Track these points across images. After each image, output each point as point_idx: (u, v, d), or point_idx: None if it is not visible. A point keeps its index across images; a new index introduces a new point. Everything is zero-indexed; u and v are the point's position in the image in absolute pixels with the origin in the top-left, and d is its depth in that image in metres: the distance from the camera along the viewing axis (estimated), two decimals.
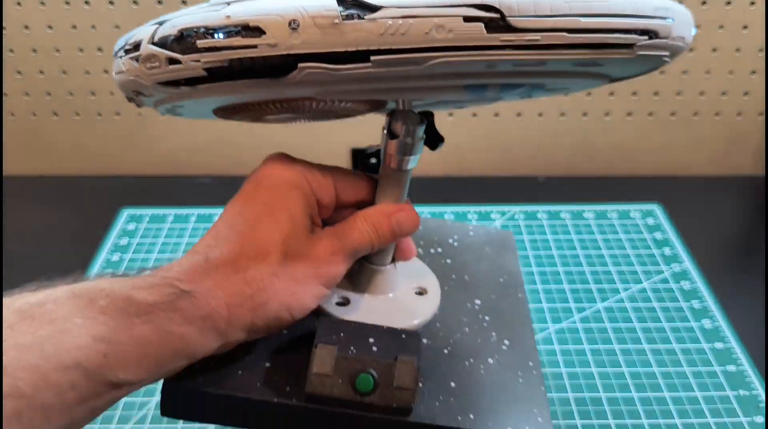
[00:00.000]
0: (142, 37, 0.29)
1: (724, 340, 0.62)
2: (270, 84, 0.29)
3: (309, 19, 0.26)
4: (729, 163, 0.90)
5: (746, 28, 0.78)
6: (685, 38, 0.32)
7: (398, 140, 0.37)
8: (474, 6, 0.27)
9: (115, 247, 0.75)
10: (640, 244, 0.76)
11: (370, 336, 0.36)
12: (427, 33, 0.27)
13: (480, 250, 0.52)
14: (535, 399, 0.39)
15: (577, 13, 0.28)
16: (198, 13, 0.28)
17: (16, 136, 0.88)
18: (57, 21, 0.78)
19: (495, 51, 0.27)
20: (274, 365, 0.38)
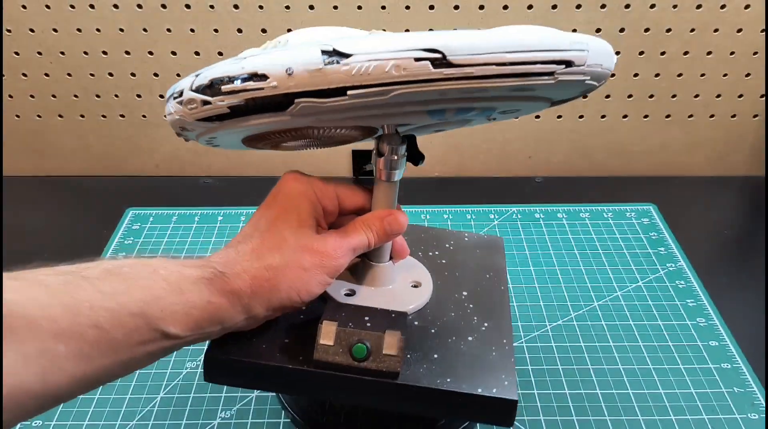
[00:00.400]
0: (184, 86, 0.38)
1: (718, 338, 0.63)
2: (276, 116, 0.37)
3: (300, 67, 0.35)
4: (723, 164, 0.91)
5: (740, 31, 0.79)
6: (603, 65, 0.39)
7: (384, 158, 0.46)
8: (422, 49, 0.34)
9: (120, 247, 0.76)
10: (635, 243, 0.77)
11: (366, 315, 0.45)
12: (387, 71, 0.35)
13: (472, 251, 0.59)
14: (505, 368, 0.46)
15: (504, 50, 0.35)
16: (223, 66, 0.37)
17: (22, 138, 0.89)
18: (62, 24, 0.79)
19: (441, 82, 0.35)
20: (291, 339, 0.46)
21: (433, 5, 0.77)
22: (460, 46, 0.35)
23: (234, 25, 0.79)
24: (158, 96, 0.85)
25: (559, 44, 0.37)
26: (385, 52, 0.35)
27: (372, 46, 0.35)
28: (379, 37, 0.36)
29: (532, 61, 0.36)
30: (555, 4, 0.77)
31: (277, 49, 0.38)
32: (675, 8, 0.78)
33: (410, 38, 0.35)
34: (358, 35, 0.42)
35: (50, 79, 0.83)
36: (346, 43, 0.35)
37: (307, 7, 0.77)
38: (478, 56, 0.35)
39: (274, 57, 0.36)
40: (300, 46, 0.36)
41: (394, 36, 0.36)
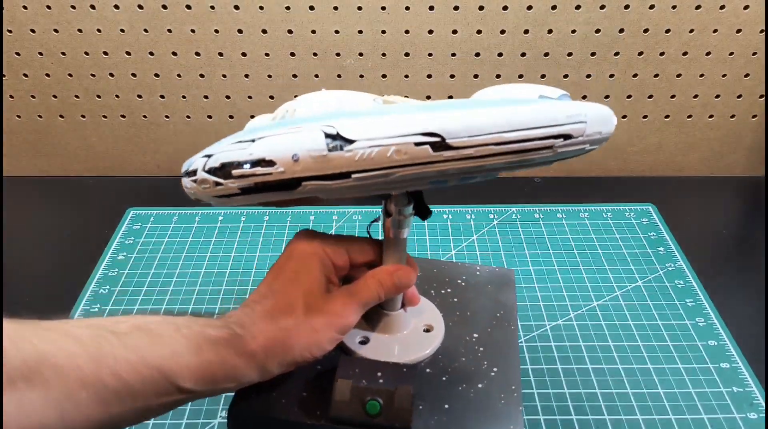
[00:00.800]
0: (197, 166, 0.41)
1: (717, 337, 0.64)
2: (284, 194, 0.40)
3: (306, 154, 0.37)
4: (722, 164, 0.92)
5: (740, 31, 0.80)
6: (602, 132, 0.41)
7: (392, 218, 0.48)
8: (422, 134, 0.36)
9: (121, 247, 0.76)
10: (634, 243, 0.77)
11: (378, 370, 0.47)
12: (388, 156, 0.37)
13: (483, 288, 0.61)
14: (513, 417, 0.49)
15: (501, 130, 0.37)
16: (233, 150, 0.39)
17: (23, 138, 0.89)
18: (63, 24, 0.79)
19: (441, 164, 0.37)
20: (309, 393, 0.49)
21: (433, 6, 0.77)
22: (458, 128, 0.36)
23: (234, 25, 0.79)
24: (159, 96, 0.85)
25: (557, 119, 0.38)
26: (386, 137, 0.36)
27: (373, 131, 0.37)
28: (381, 118, 0.38)
29: (530, 138, 0.38)
30: (555, 5, 0.77)
31: (284, 124, 0.40)
32: (674, 9, 0.78)
33: (410, 121, 0.37)
34: (363, 104, 0.45)
35: (51, 79, 0.84)
36: (349, 126, 0.37)
37: (308, 7, 0.78)
38: (477, 138, 0.37)
39: (280, 142, 0.38)
40: (305, 126, 0.38)
41: (395, 118, 0.37)
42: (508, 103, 0.40)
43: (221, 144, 0.41)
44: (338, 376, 0.46)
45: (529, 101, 0.41)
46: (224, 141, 0.41)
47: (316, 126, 0.38)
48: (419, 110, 0.38)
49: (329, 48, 0.81)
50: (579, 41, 0.80)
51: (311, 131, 0.38)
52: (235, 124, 0.87)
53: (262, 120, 0.48)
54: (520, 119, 0.37)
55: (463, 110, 0.38)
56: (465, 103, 0.40)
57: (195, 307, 0.68)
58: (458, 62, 0.82)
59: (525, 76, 0.83)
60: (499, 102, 0.40)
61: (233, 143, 0.40)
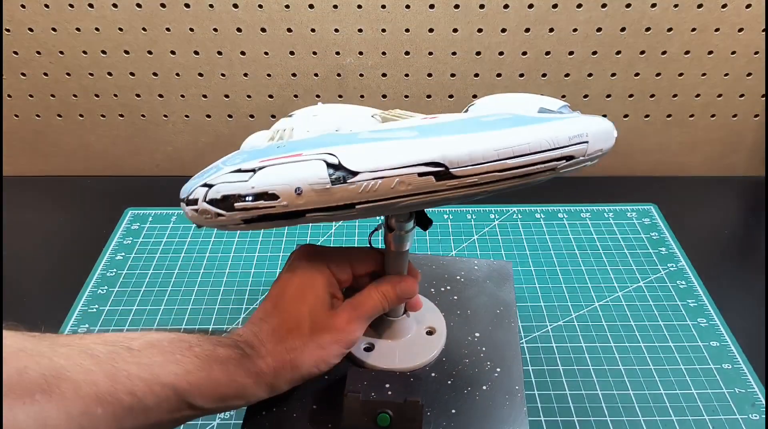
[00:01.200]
0: (197, 196, 0.40)
1: (719, 338, 0.63)
2: (287, 223, 0.40)
3: (308, 187, 0.37)
4: (724, 164, 0.91)
5: (741, 30, 0.79)
6: (604, 149, 0.42)
7: (394, 233, 0.48)
8: (425, 164, 0.36)
9: (119, 247, 0.76)
10: (636, 243, 0.77)
11: (387, 381, 0.47)
12: (392, 187, 0.37)
13: (482, 284, 0.62)
14: (518, 420, 0.49)
15: (504, 157, 0.37)
16: (234, 182, 0.39)
17: (21, 137, 0.88)
18: (61, 23, 0.79)
19: (444, 192, 0.37)
20: (318, 405, 0.50)
21: (434, 4, 0.77)
22: (461, 157, 0.36)
23: (233, 24, 0.79)
24: (157, 95, 0.85)
25: (559, 141, 0.38)
26: (391, 169, 0.36)
27: (376, 162, 0.37)
28: (383, 147, 0.37)
29: (533, 163, 0.38)
30: (555, 4, 0.77)
31: (283, 148, 0.40)
32: (676, 8, 0.78)
33: (413, 150, 0.37)
34: (361, 123, 0.44)
35: (49, 78, 0.83)
36: (351, 156, 0.37)
37: (307, 6, 0.77)
38: (480, 166, 0.37)
39: (282, 173, 0.38)
40: (305, 153, 0.38)
41: (397, 146, 0.37)
42: (508, 123, 0.40)
43: (220, 171, 0.40)
44: (347, 390, 0.47)
45: (529, 120, 0.41)
46: (223, 166, 0.41)
47: (317, 154, 0.38)
48: (421, 135, 0.38)
49: (329, 47, 0.81)
50: (580, 40, 0.80)
51: (313, 161, 0.37)
52: (234, 124, 0.87)
53: (258, 138, 0.48)
54: (523, 145, 0.37)
55: (465, 136, 0.37)
56: (466, 125, 0.40)
57: (193, 307, 0.67)
58: (459, 61, 0.82)
59: (526, 75, 0.82)
60: (499, 122, 0.40)
61: (233, 172, 0.39)
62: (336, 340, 0.46)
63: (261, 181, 0.38)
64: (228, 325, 0.65)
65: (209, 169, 0.42)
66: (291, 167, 0.38)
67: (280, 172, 0.38)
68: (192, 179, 0.43)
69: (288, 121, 0.47)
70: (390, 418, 0.46)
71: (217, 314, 0.66)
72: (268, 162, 0.38)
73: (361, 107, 0.49)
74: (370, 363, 0.53)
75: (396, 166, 0.36)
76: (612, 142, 0.43)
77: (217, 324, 0.65)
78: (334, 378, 0.52)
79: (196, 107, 0.86)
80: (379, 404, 0.46)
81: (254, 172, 0.38)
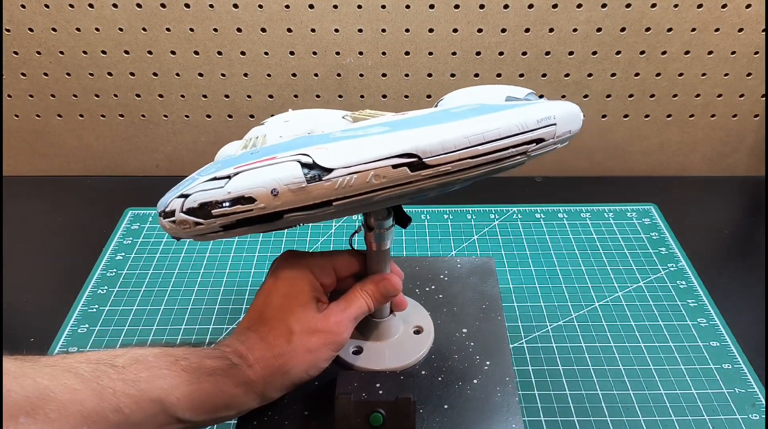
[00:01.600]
0: (174, 208, 0.40)
1: (719, 338, 0.63)
2: (266, 227, 0.40)
3: (285, 187, 0.37)
4: (724, 164, 0.91)
5: (741, 30, 0.79)
6: (572, 130, 0.43)
7: (374, 232, 0.49)
8: (398, 156, 0.37)
9: (119, 247, 0.76)
10: (636, 243, 0.76)
11: (377, 382, 0.47)
12: (368, 181, 0.37)
13: (466, 280, 0.63)
14: (510, 409, 0.50)
15: (475, 143, 0.38)
16: (210, 189, 0.39)
17: (21, 137, 0.88)
18: (61, 23, 0.79)
19: (420, 182, 0.38)
20: (310, 411, 0.50)
21: (434, 5, 0.77)
22: (434, 147, 0.37)
23: (233, 24, 0.79)
24: (157, 95, 0.85)
25: (528, 124, 0.39)
26: (365, 163, 0.37)
27: (350, 157, 0.37)
28: (355, 142, 0.38)
29: (504, 147, 0.39)
30: (555, 4, 0.77)
31: (257, 154, 0.40)
32: (676, 7, 0.78)
33: (386, 143, 0.37)
34: (333, 124, 0.44)
35: (49, 78, 0.83)
36: (325, 154, 0.37)
37: (307, 6, 0.77)
38: (452, 154, 0.38)
39: (257, 176, 0.38)
40: (279, 156, 0.38)
41: (370, 140, 0.38)
42: (477, 111, 0.40)
43: (195, 181, 0.40)
44: (338, 393, 0.47)
45: (497, 107, 0.42)
46: (197, 177, 0.41)
47: (291, 155, 0.38)
48: (392, 129, 0.39)
49: (329, 47, 0.81)
50: (580, 40, 0.80)
51: (287, 162, 0.38)
52: (234, 124, 0.87)
53: (232, 147, 0.48)
54: (493, 130, 0.38)
55: (436, 126, 0.38)
56: (436, 117, 0.41)
57: (193, 307, 0.67)
58: (459, 61, 0.82)
59: (526, 75, 0.83)
60: (468, 112, 0.41)
61: (208, 180, 0.39)
62: (325, 343, 0.46)
63: (237, 185, 0.38)
64: (228, 325, 0.65)
65: (185, 181, 0.42)
66: (266, 170, 0.38)
67: (255, 175, 0.38)
68: (168, 193, 0.43)
69: (260, 129, 0.47)
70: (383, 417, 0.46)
71: (217, 314, 0.66)
72: (243, 167, 0.39)
73: (332, 110, 0.50)
74: (360, 366, 0.54)
75: (370, 160, 0.37)
76: (580, 124, 0.44)
77: (217, 324, 0.65)
78: (324, 383, 0.52)
79: (196, 107, 0.86)
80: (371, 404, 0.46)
81: (229, 178, 0.38)
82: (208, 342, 0.63)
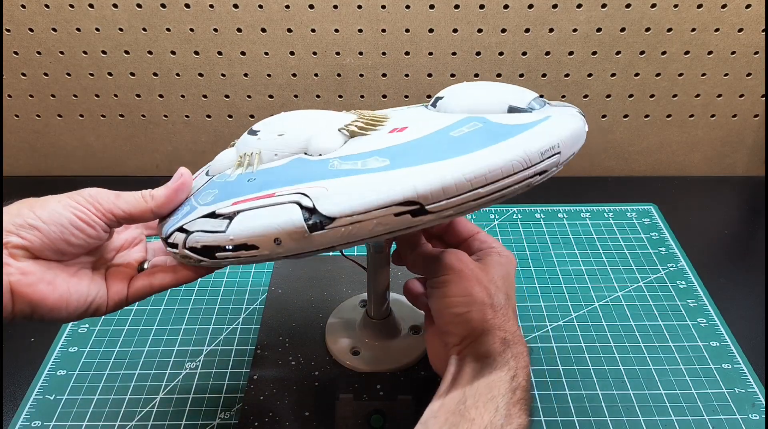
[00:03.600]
0: (177, 242, 0.40)
1: (719, 338, 0.63)
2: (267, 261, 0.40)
3: (287, 236, 0.37)
4: (724, 164, 0.91)
5: (741, 30, 0.79)
6: (575, 151, 0.42)
7: None
8: (400, 204, 0.36)
9: None
10: (636, 243, 0.76)
11: (377, 383, 0.48)
12: (371, 229, 0.37)
13: None
14: None
15: (477, 186, 0.37)
16: (211, 230, 0.39)
17: (21, 137, 0.88)
18: (61, 23, 0.79)
19: (421, 225, 0.38)
20: (311, 413, 0.50)
21: (434, 5, 0.77)
22: (435, 193, 0.36)
23: (233, 24, 0.79)
24: (157, 95, 0.85)
25: (531, 158, 0.38)
26: (367, 211, 0.36)
27: (352, 205, 0.36)
28: (354, 183, 0.37)
29: (506, 185, 0.38)
30: (555, 4, 0.77)
31: (254, 187, 0.40)
32: (676, 8, 0.78)
33: (387, 187, 0.37)
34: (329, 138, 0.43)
35: (49, 78, 0.83)
36: (325, 199, 0.37)
37: (307, 6, 0.77)
38: (455, 199, 0.37)
39: (258, 223, 0.37)
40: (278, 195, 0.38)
41: (369, 181, 0.37)
42: (479, 140, 0.39)
43: (194, 211, 0.40)
44: (339, 394, 0.47)
45: (500, 132, 0.40)
46: (197, 205, 0.41)
47: (291, 193, 0.38)
48: (392, 166, 0.38)
49: (329, 47, 0.81)
50: (580, 40, 0.80)
51: (287, 204, 0.37)
52: (234, 124, 0.87)
53: (227, 159, 0.47)
54: (496, 171, 0.37)
55: (437, 166, 0.37)
56: (436, 147, 0.39)
57: (194, 307, 0.67)
58: (459, 61, 0.82)
59: (526, 75, 0.82)
60: (470, 141, 0.40)
61: (208, 216, 0.39)
62: None
63: (238, 232, 0.38)
64: (228, 325, 0.65)
65: (184, 208, 0.42)
66: (266, 214, 0.38)
67: (255, 220, 0.38)
68: (170, 219, 0.43)
69: (254, 143, 0.45)
70: (383, 418, 0.46)
71: (217, 314, 0.66)
72: (242, 205, 0.39)
73: (325, 114, 0.47)
74: (359, 366, 0.54)
75: (372, 208, 0.36)
76: (583, 140, 0.43)
77: (217, 324, 0.65)
78: (323, 384, 0.52)
79: (196, 107, 0.86)
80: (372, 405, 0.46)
81: (230, 219, 0.38)
82: (208, 342, 0.63)
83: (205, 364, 0.61)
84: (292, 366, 0.55)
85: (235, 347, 0.62)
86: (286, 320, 0.61)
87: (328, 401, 0.49)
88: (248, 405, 0.52)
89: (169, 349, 0.62)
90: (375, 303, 0.55)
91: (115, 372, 0.60)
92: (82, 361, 0.61)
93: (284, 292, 0.64)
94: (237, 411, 0.55)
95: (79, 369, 0.60)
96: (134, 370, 0.60)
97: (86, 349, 0.62)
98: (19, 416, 0.55)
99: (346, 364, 0.54)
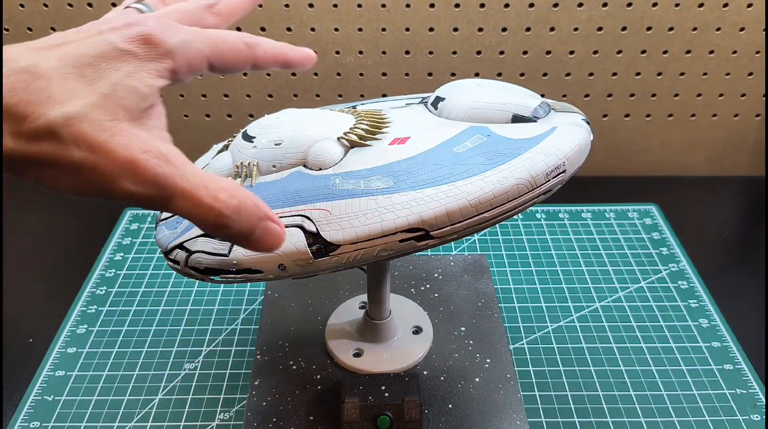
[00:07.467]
0: (179, 259, 0.40)
1: (720, 339, 0.63)
2: None
3: (291, 262, 0.37)
4: (726, 164, 0.91)
5: (743, 30, 0.79)
6: (580, 165, 0.42)
7: None
8: (405, 230, 0.37)
9: (118, 247, 0.76)
10: (637, 244, 0.76)
11: (382, 384, 0.48)
12: (375, 254, 0.37)
13: (460, 278, 0.64)
14: (513, 406, 0.51)
15: (482, 211, 0.37)
16: (213, 254, 0.38)
17: None
18: (60, 23, 0.78)
19: (426, 248, 0.38)
20: (315, 417, 0.50)
21: (434, 3, 0.77)
22: (440, 219, 0.37)
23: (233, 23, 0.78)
24: None
25: (537, 180, 0.39)
26: (371, 239, 0.37)
27: (355, 232, 0.37)
28: (357, 207, 0.37)
29: (511, 208, 0.39)
30: (556, 3, 0.77)
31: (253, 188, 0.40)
32: (677, 7, 0.77)
33: (392, 216, 0.37)
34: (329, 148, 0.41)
35: None
36: (328, 223, 0.37)
37: (307, 5, 0.77)
38: (459, 224, 0.37)
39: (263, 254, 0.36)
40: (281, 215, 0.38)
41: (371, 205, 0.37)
42: (484, 160, 0.39)
43: (195, 227, 0.39)
44: (344, 397, 0.47)
45: (505, 149, 0.40)
46: None
47: (293, 214, 0.38)
48: (396, 188, 0.38)
49: (329, 46, 0.80)
50: (581, 39, 0.80)
51: (290, 227, 0.37)
52: (234, 123, 0.87)
53: (223, 163, 0.44)
54: (501, 196, 0.38)
55: (442, 191, 0.37)
56: (440, 165, 0.39)
57: (192, 307, 0.67)
58: (459, 60, 0.81)
59: (526, 75, 0.82)
60: (475, 160, 0.39)
61: (208, 235, 0.39)
62: None
63: (242, 256, 0.38)
64: (228, 325, 0.65)
65: (183, 220, 0.41)
66: None
67: None
68: (164, 227, 0.42)
69: (250, 151, 0.43)
70: (390, 419, 0.46)
71: (217, 315, 0.66)
72: None
73: (323, 117, 0.45)
74: (361, 368, 0.53)
75: (376, 236, 0.37)
76: (588, 151, 0.43)
77: (217, 324, 0.65)
78: (326, 387, 0.52)
79: (196, 107, 0.86)
80: (378, 407, 0.46)
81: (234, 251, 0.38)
82: (207, 342, 0.63)
83: (204, 364, 0.60)
84: (293, 370, 0.55)
85: (235, 348, 0.62)
86: (284, 324, 0.61)
87: (333, 404, 0.49)
88: (251, 411, 0.52)
89: (168, 349, 0.62)
90: (375, 304, 0.55)
91: (114, 372, 0.60)
92: (81, 361, 0.61)
93: (281, 296, 0.63)
94: (236, 411, 0.55)
95: (78, 370, 0.60)
96: (133, 370, 0.60)
97: (85, 350, 0.62)
98: (18, 417, 0.55)
99: (349, 366, 0.54)
